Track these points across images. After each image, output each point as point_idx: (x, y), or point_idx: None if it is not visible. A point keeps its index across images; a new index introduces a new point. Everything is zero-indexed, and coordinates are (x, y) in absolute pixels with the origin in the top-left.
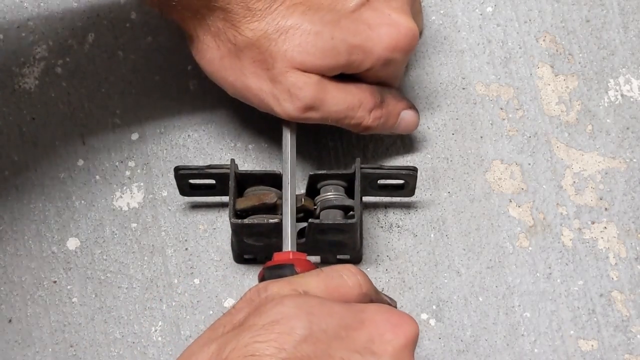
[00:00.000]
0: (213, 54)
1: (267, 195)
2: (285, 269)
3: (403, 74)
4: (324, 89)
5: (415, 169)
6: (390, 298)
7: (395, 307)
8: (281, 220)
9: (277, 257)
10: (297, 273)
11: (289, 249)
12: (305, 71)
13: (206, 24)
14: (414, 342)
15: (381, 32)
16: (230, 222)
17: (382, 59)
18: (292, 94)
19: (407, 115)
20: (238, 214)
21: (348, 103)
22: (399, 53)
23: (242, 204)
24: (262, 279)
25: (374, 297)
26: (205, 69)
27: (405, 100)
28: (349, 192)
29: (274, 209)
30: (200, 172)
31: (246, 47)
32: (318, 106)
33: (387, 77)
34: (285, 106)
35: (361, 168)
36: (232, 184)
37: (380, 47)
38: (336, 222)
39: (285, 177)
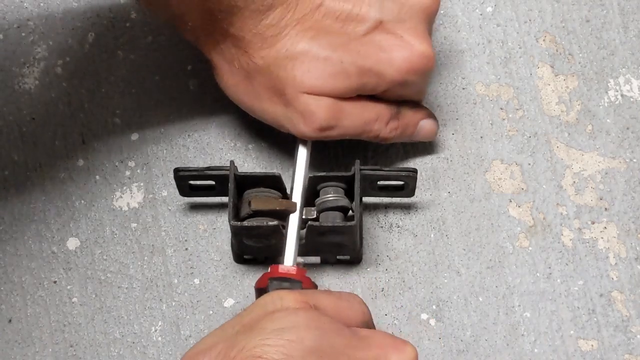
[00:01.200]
0: (229, 80)
1: (290, 204)
2: (293, 283)
3: (426, 90)
4: (338, 109)
5: (415, 171)
6: None
7: None
8: (280, 224)
9: (281, 270)
10: (301, 288)
11: (292, 264)
12: (317, 94)
13: (220, 49)
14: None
15: (393, 54)
16: (230, 224)
17: (397, 82)
18: (305, 117)
19: (426, 124)
20: (253, 212)
21: (365, 119)
22: (414, 75)
23: (261, 205)
24: (265, 287)
25: (372, 325)
26: (226, 93)
27: (423, 110)
28: (349, 194)
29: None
30: (200, 174)
31: (258, 73)
32: (334, 125)
33: (409, 96)
34: (301, 128)
35: (361, 170)
36: (231, 185)
37: (393, 69)
38: (335, 225)
39: (296, 192)
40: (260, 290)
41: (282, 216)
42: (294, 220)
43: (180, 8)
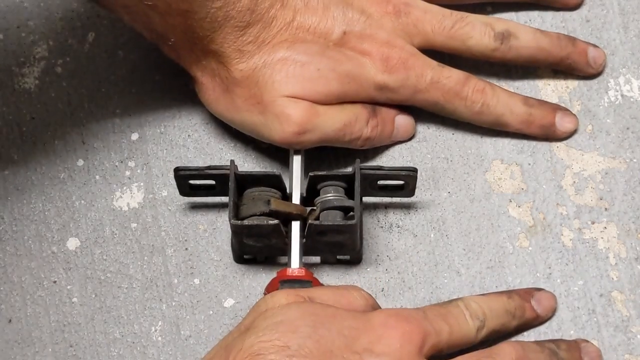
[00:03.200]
0: (210, 95)
1: (302, 209)
2: (304, 284)
3: (421, 87)
4: (315, 113)
5: (415, 170)
6: None
7: None
8: (279, 223)
9: (290, 273)
10: None
11: (299, 266)
12: (296, 98)
13: (202, 65)
14: (420, 341)
15: (365, 59)
16: (230, 223)
17: (374, 84)
18: (281, 120)
19: (402, 119)
20: (270, 211)
21: (344, 120)
22: (391, 76)
23: (281, 206)
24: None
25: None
26: (208, 107)
27: (396, 107)
28: (349, 193)
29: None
30: (200, 173)
31: (236, 85)
32: (311, 129)
33: (405, 98)
34: (278, 133)
35: (361, 169)
36: (232, 185)
37: (368, 75)
38: (336, 224)
39: (295, 197)
40: None
41: (287, 219)
42: (297, 222)
43: (162, 27)
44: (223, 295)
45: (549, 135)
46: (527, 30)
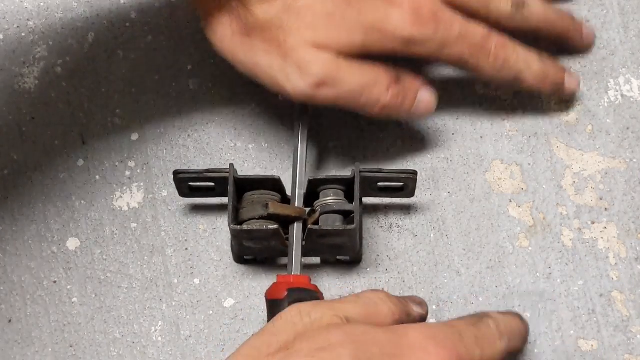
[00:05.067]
0: (224, 31)
1: (301, 211)
2: (311, 293)
3: (448, 43)
4: (336, 66)
5: (414, 172)
6: (419, 303)
7: (426, 308)
8: (279, 228)
9: (295, 281)
10: (317, 298)
11: (300, 272)
12: (318, 48)
13: (220, 2)
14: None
15: (394, 10)
16: (230, 228)
17: (400, 38)
18: (302, 69)
19: (425, 95)
20: (268, 214)
21: (363, 81)
22: (417, 30)
23: (279, 209)
24: (282, 299)
25: (405, 319)
26: (216, 46)
27: (421, 78)
28: (349, 195)
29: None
30: (199, 176)
31: (257, 26)
32: (330, 83)
33: (427, 53)
34: (295, 82)
35: (360, 172)
36: (231, 188)
37: (395, 25)
38: (335, 228)
39: (293, 201)
40: (275, 302)
41: (287, 221)
42: (298, 228)
43: None
44: (223, 295)
45: (558, 93)
46: (537, 2)
